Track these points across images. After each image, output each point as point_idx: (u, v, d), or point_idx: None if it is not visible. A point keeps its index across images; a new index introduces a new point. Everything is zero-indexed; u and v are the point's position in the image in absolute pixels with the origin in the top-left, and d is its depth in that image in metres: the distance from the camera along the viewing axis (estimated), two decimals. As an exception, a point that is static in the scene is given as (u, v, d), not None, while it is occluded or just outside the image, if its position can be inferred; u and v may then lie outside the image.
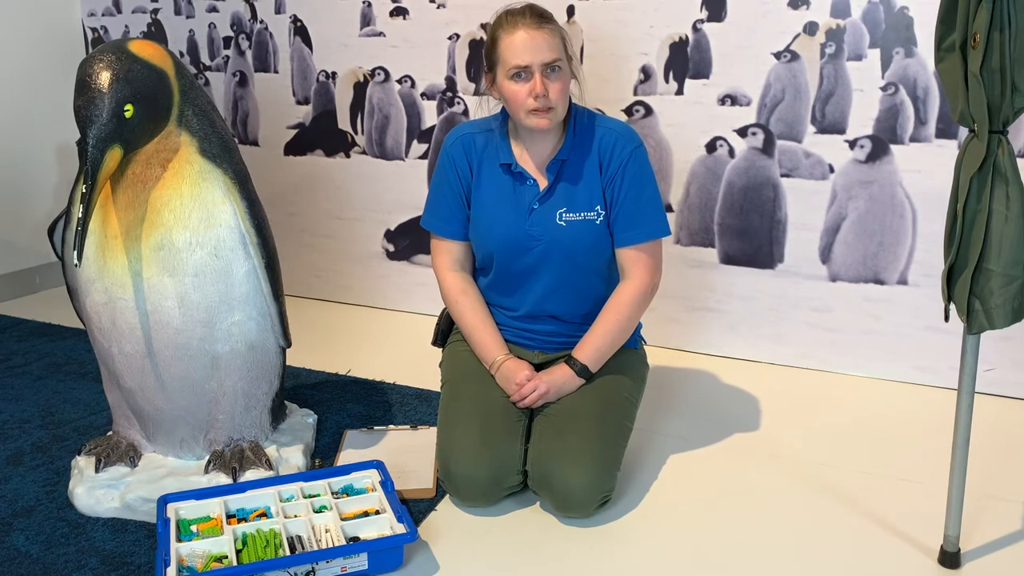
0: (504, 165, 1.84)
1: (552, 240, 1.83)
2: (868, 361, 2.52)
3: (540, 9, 1.75)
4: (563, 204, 1.83)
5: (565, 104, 1.78)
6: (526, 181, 1.84)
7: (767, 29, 2.43)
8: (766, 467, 2.00)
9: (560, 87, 1.73)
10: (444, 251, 1.94)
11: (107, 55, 1.62)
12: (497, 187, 1.86)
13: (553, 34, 1.72)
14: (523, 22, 1.71)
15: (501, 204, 1.85)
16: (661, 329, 2.73)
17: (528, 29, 1.70)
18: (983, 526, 1.75)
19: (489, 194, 1.87)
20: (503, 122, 1.87)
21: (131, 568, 1.62)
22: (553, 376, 1.84)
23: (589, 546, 1.69)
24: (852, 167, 2.42)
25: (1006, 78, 1.36)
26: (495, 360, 1.87)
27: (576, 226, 1.83)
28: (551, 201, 1.83)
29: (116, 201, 1.72)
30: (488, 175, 1.87)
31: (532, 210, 1.83)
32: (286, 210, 3.26)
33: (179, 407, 1.82)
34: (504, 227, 1.84)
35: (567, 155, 1.82)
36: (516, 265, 1.87)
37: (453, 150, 1.88)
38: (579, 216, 1.83)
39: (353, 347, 2.79)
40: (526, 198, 1.84)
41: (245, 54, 3.20)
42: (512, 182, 1.85)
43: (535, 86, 1.70)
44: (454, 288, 1.93)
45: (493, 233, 1.86)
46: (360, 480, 1.80)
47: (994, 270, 1.43)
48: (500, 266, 1.89)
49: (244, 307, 1.79)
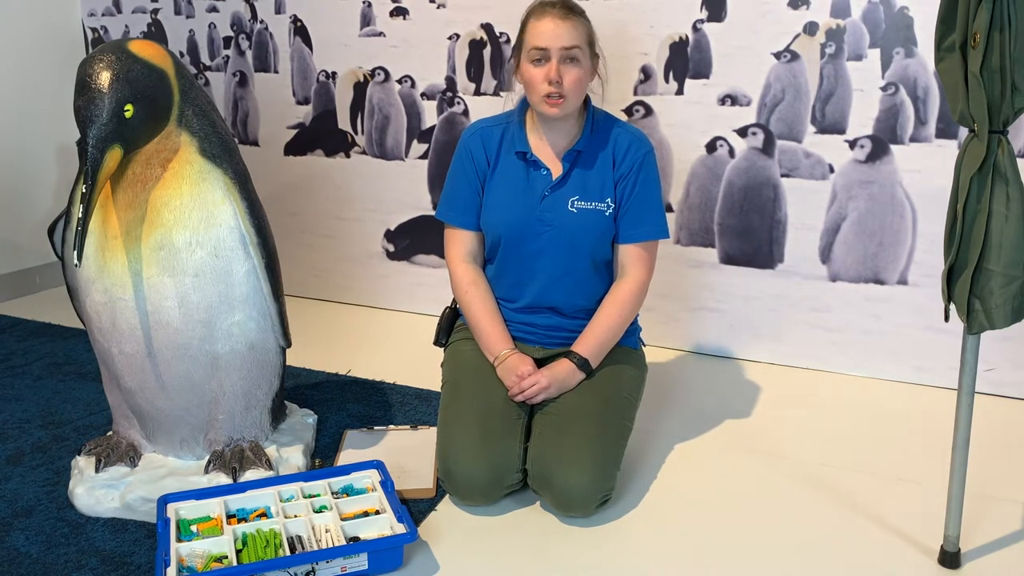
0: (520, 153, 1.88)
1: (561, 226, 1.86)
2: (868, 361, 2.52)
3: (572, 3, 1.80)
4: (575, 192, 1.87)
5: (579, 96, 1.81)
6: (540, 169, 1.88)
7: (767, 29, 2.43)
8: (766, 467, 2.00)
9: (575, 77, 1.77)
10: (457, 241, 1.96)
11: (107, 55, 1.62)
12: (511, 174, 1.90)
13: (578, 26, 1.78)
14: (552, 11, 1.77)
15: (514, 189, 1.89)
16: (661, 329, 2.73)
17: (554, 18, 1.76)
18: (983, 526, 1.75)
19: (503, 180, 1.90)
20: (521, 112, 1.92)
21: (131, 568, 1.62)
22: (554, 371, 1.84)
23: (589, 546, 1.69)
24: (852, 167, 2.42)
25: (1006, 78, 1.36)
26: (500, 354, 1.88)
27: (586, 214, 1.86)
28: (564, 189, 1.87)
29: (116, 201, 1.72)
30: (504, 164, 1.91)
31: (544, 196, 1.87)
32: (286, 210, 3.26)
33: (179, 407, 1.82)
34: (515, 211, 1.88)
35: (584, 147, 1.87)
36: (523, 250, 1.90)
37: (471, 142, 1.93)
38: (590, 205, 1.87)
39: (353, 347, 2.79)
40: (539, 185, 1.88)
41: (245, 54, 3.20)
42: (526, 169, 1.89)
43: (550, 71, 1.75)
44: (464, 279, 1.95)
45: (504, 216, 1.89)
46: (360, 480, 1.80)
47: (994, 270, 1.43)
48: (507, 251, 1.91)
49: (244, 307, 1.79)
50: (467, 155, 1.92)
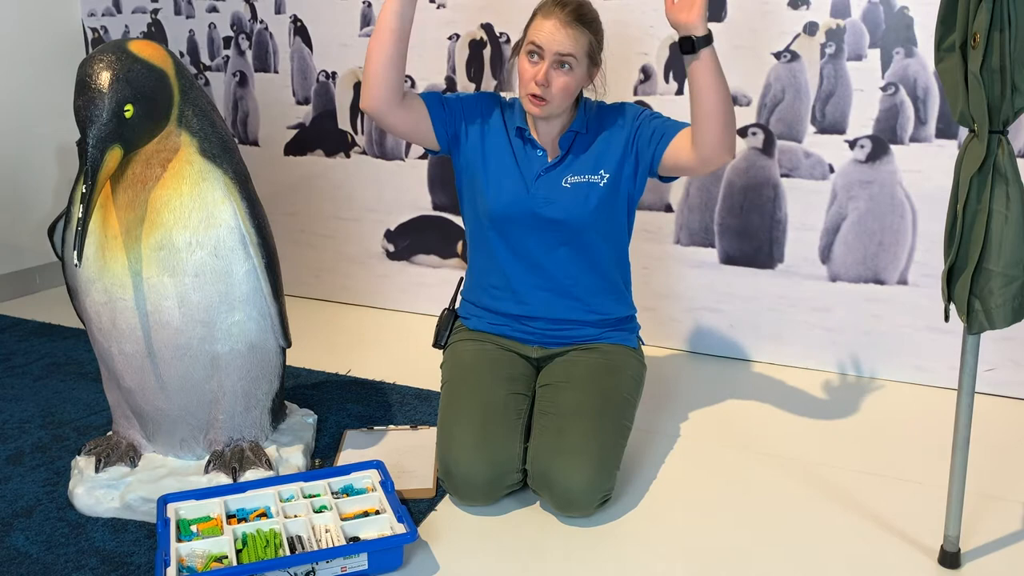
0: (519, 129, 1.89)
1: (555, 201, 1.86)
2: (868, 361, 2.52)
3: (585, 10, 1.78)
4: (569, 171, 1.88)
5: (564, 101, 1.81)
6: (536, 149, 1.89)
7: (767, 29, 2.43)
8: (766, 467, 2.00)
9: (563, 84, 1.77)
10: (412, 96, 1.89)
11: (107, 55, 1.62)
12: (505, 152, 1.90)
13: (580, 36, 1.76)
14: (560, 13, 1.75)
15: (507, 168, 1.90)
16: (661, 329, 2.73)
17: (559, 21, 1.74)
18: (983, 526, 1.75)
19: (496, 157, 1.90)
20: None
21: (131, 568, 1.62)
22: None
23: (589, 546, 1.69)
24: (852, 167, 2.42)
25: (1006, 78, 1.36)
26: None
27: (578, 187, 1.87)
28: (559, 169, 1.88)
29: (116, 201, 1.72)
30: (501, 137, 1.91)
31: (539, 176, 1.88)
32: (286, 210, 3.26)
33: (179, 407, 1.82)
34: (510, 190, 1.88)
35: (580, 127, 1.87)
36: (516, 228, 1.90)
37: (494, 97, 1.95)
38: (583, 179, 1.87)
39: (353, 347, 2.79)
40: (533, 164, 1.89)
41: (245, 54, 3.20)
42: (522, 147, 1.90)
43: (539, 72, 1.75)
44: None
45: (498, 196, 1.89)
46: (360, 480, 1.80)
47: (994, 270, 1.43)
48: (499, 230, 1.91)
49: (244, 307, 1.79)
50: (484, 96, 1.94)
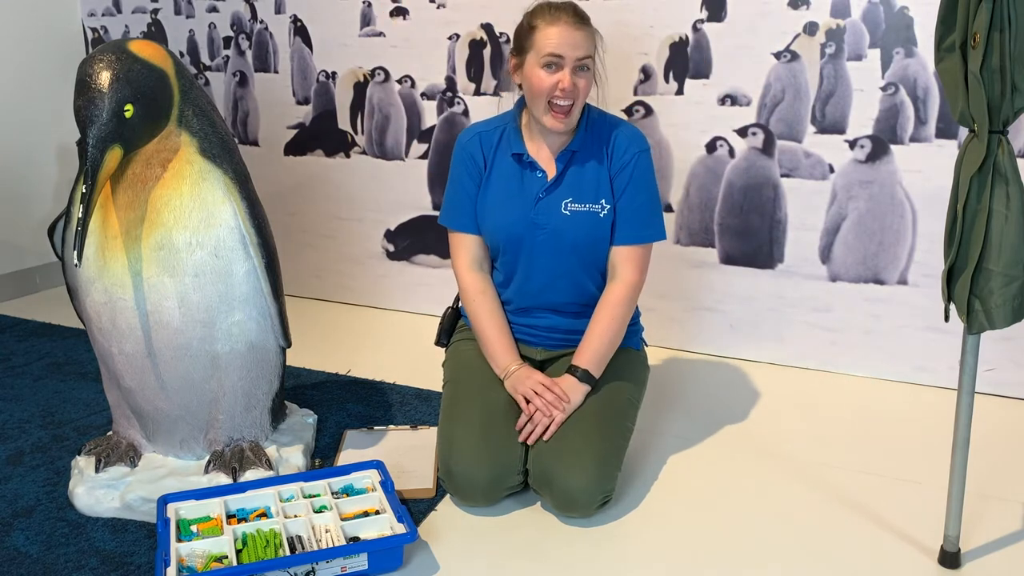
0: (516, 155, 1.88)
1: (555, 229, 1.85)
2: (868, 361, 2.52)
3: (581, 10, 1.80)
4: (569, 195, 1.86)
5: (581, 108, 1.82)
6: (535, 171, 1.87)
7: (767, 29, 2.43)
8: (766, 467, 2.00)
9: (586, 85, 1.78)
10: (463, 248, 1.95)
11: (107, 55, 1.62)
12: (506, 177, 1.89)
13: (589, 34, 1.78)
14: (565, 17, 1.76)
15: (509, 193, 1.88)
16: (661, 329, 2.73)
17: (568, 25, 1.75)
18: (983, 526, 1.75)
19: (498, 183, 1.90)
20: (516, 115, 1.91)
21: (131, 568, 1.62)
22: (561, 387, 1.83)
23: (589, 546, 1.69)
24: (852, 167, 2.42)
25: (1006, 78, 1.36)
26: (508, 369, 1.88)
27: (580, 216, 1.85)
28: (558, 191, 1.86)
29: (116, 201, 1.72)
30: (499, 166, 1.90)
31: (539, 199, 1.86)
32: (286, 210, 3.26)
33: (179, 407, 1.82)
34: (510, 215, 1.87)
35: (578, 147, 1.86)
36: (519, 253, 1.89)
37: (470, 146, 1.92)
38: (584, 207, 1.86)
39: (353, 347, 2.79)
40: (534, 187, 1.87)
41: (245, 54, 3.20)
42: (521, 172, 1.88)
43: (563, 80, 1.75)
44: (472, 287, 1.94)
45: (499, 221, 1.88)
46: (360, 480, 1.80)
47: (994, 270, 1.43)
48: (505, 254, 1.91)
49: (244, 307, 1.79)
50: (468, 158, 1.91)
